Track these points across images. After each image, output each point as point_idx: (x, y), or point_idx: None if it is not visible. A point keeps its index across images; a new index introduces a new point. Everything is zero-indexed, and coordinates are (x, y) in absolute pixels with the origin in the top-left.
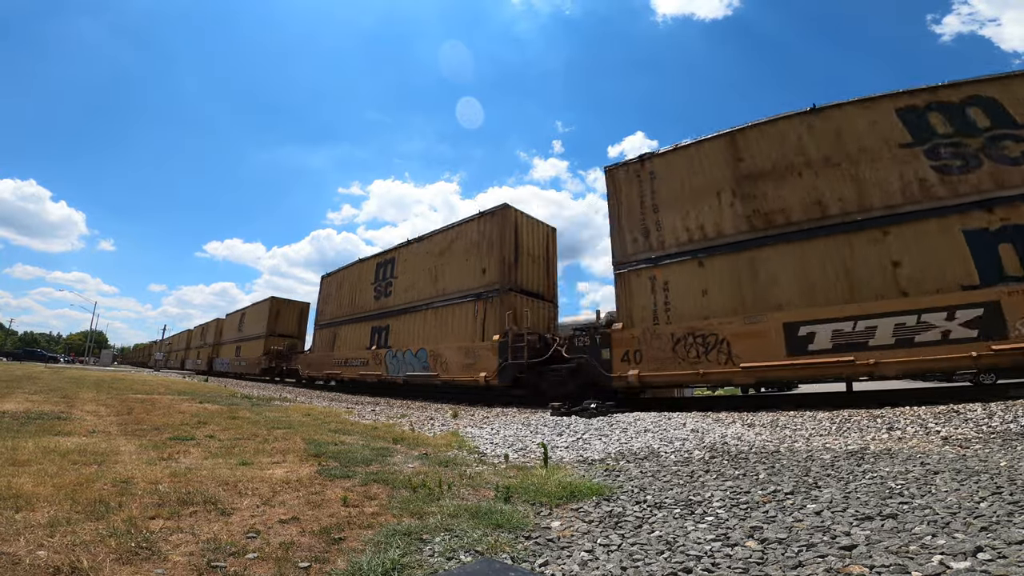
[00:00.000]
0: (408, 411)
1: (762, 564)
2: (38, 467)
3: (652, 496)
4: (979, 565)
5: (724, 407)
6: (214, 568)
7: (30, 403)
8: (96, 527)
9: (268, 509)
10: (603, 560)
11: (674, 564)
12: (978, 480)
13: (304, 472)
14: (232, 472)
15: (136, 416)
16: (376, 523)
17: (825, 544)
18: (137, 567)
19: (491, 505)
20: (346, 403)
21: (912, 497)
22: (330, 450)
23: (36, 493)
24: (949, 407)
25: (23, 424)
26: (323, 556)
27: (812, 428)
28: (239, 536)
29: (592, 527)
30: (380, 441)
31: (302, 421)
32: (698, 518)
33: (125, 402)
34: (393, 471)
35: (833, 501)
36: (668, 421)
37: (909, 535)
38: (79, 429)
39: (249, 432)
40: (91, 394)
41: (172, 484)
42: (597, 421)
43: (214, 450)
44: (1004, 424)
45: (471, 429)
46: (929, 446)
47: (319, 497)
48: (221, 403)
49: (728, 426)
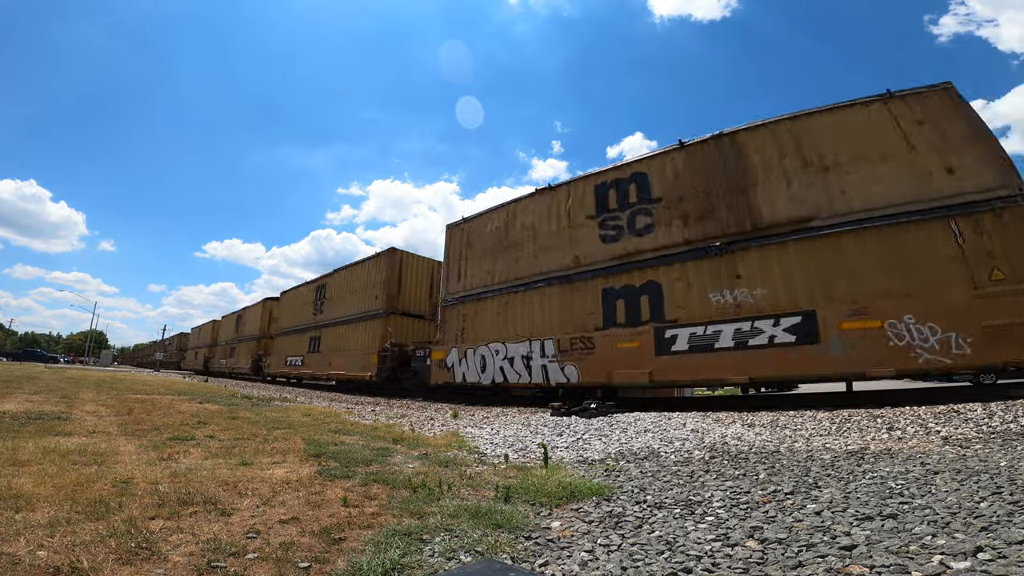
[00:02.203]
0: (408, 411)
1: (762, 564)
2: (38, 467)
3: (652, 496)
4: (979, 565)
5: (724, 407)
6: (214, 568)
7: (30, 403)
8: (96, 527)
9: (268, 509)
10: (603, 560)
11: (674, 564)
12: (978, 480)
13: (304, 472)
14: (232, 472)
15: (136, 416)
16: (376, 523)
17: (825, 544)
18: (137, 567)
19: (491, 505)
20: (346, 403)
21: (912, 497)
22: (330, 450)
23: (36, 493)
24: (949, 407)
25: (23, 424)
26: (323, 556)
27: (812, 428)
28: (239, 536)
29: (592, 527)
30: (380, 441)
31: (302, 421)
32: (698, 518)
33: (125, 402)
34: (393, 471)
35: (833, 501)
36: (668, 421)
37: (909, 535)
38: (79, 429)
39: (249, 432)
40: (91, 394)
41: (172, 484)
42: (597, 421)
43: (214, 450)
44: (1004, 424)
45: (471, 429)
46: (929, 446)
47: (319, 497)
48: (221, 403)
49: (728, 426)
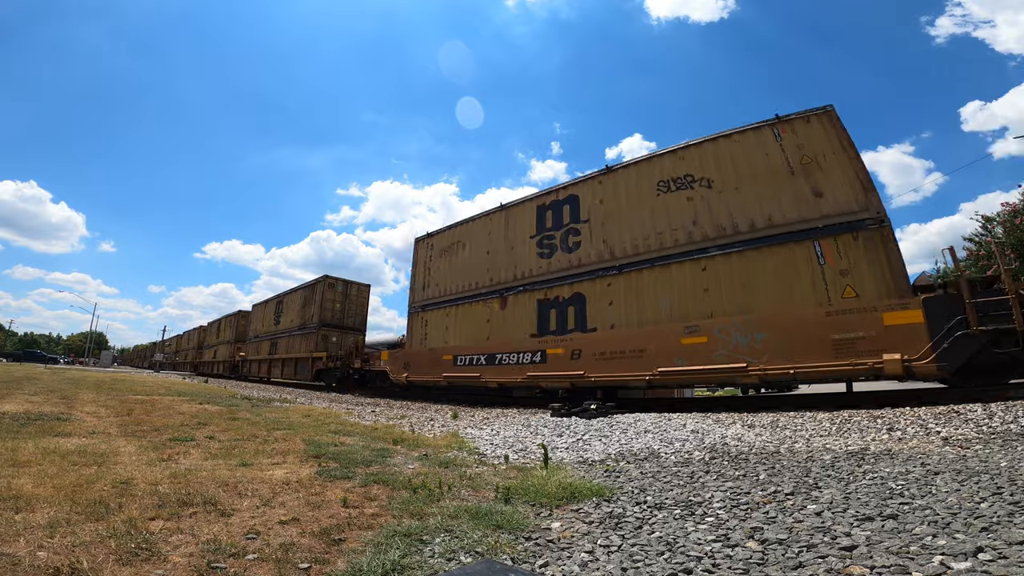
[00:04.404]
0: (408, 412)
1: (762, 565)
2: (38, 468)
3: (652, 497)
4: (980, 565)
5: (724, 408)
6: (214, 569)
7: (30, 404)
8: (96, 528)
9: (268, 510)
10: (603, 561)
11: (674, 565)
12: (978, 480)
13: (304, 473)
14: (232, 473)
15: (136, 417)
16: (376, 524)
17: (825, 545)
18: (137, 568)
19: (491, 506)
20: (346, 404)
21: (913, 497)
22: (330, 451)
23: (36, 494)
24: (949, 408)
25: (23, 425)
26: (323, 557)
27: (812, 429)
28: (239, 537)
29: (592, 528)
30: (380, 442)
31: (302, 422)
32: (698, 519)
33: (125, 403)
34: (393, 472)
35: (833, 502)
36: (668, 422)
37: (910, 535)
38: (79, 430)
39: (249, 433)
40: (91, 395)
41: (172, 485)
42: (597, 422)
43: (214, 451)
44: (1004, 424)
45: (471, 430)
46: (929, 447)
47: (319, 498)
48: (221, 404)
49: (728, 427)
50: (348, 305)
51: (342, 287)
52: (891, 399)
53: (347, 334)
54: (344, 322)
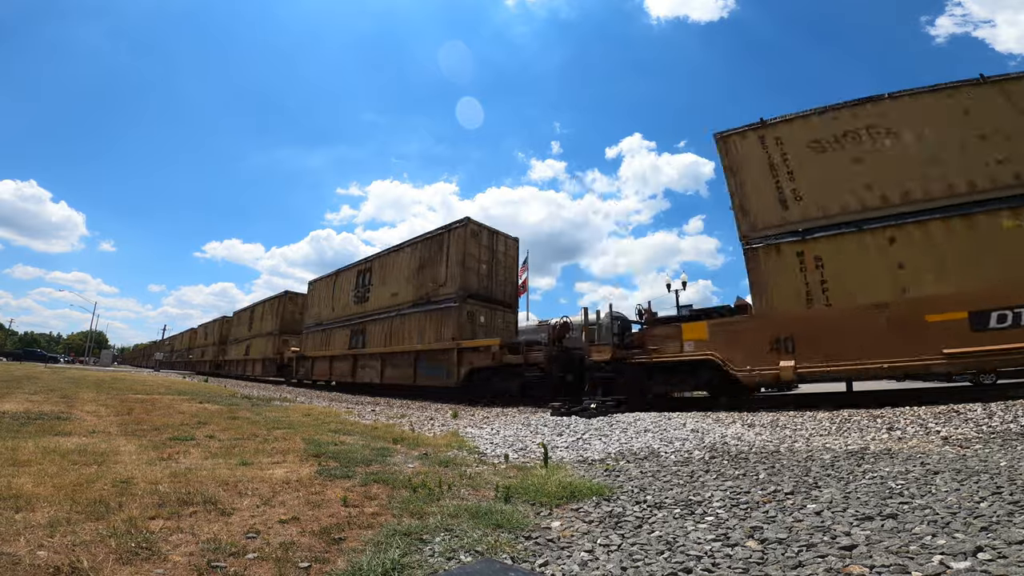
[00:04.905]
0: (408, 411)
1: (762, 564)
2: (38, 467)
3: (652, 496)
4: (979, 565)
5: (724, 407)
6: (214, 568)
7: (30, 403)
8: (96, 527)
9: (268, 509)
10: (603, 560)
11: (674, 564)
12: (978, 480)
13: (304, 472)
14: (232, 472)
15: (136, 416)
16: (376, 523)
17: (825, 544)
18: (137, 567)
19: (491, 505)
20: (346, 403)
21: (912, 497)
22: (330, 450)
23: (36, 493)
24: (949, 407)
25: (23, 424)
26: (323, 556)
27: (812, 428)
28: (239, 536)
29: (592, 527)
30: (380, 441)
31: (302, 421)
32: (698, 518)
33: (125, 402)
34: (393, 471)
35: (833, 501)
36: (668, 421)
37: (909, 535)
38: (79, 429)
39: (249, 432)
40: (91, 394)
41: (172, 484)
42: (597, 421)
43: (214, 450)
44: (1004, 424)
45: (471, 429)
46: (929, 446)
47: (319, 497)
48: (221, 403)
49: (728, 426)
50: (496, 268)
51: (487, 238)
52: (891, 399)
53: (496, 312)
54: (493, 293)
